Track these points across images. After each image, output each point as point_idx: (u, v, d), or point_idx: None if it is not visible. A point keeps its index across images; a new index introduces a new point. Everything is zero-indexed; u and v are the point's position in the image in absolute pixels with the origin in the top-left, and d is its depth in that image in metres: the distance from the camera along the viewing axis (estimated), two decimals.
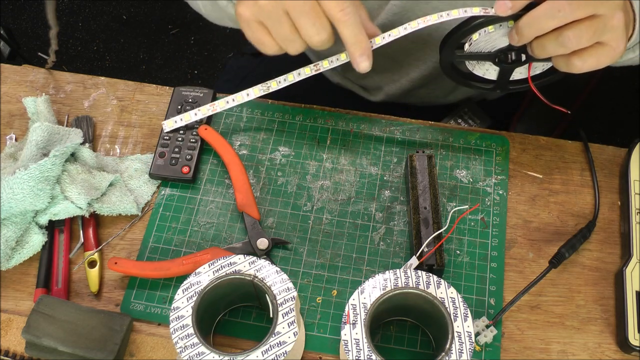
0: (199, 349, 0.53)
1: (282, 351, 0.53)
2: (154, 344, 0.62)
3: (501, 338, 0.62)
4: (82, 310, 0.60)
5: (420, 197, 0.67)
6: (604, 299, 0.65)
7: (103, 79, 0.81)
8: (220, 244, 0.68)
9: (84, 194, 0.67)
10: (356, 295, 0.56)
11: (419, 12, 0.82)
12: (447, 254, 0.67)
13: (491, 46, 0.66)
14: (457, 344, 0.53)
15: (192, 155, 0.72)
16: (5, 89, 0.80)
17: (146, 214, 0.70)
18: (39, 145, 0.69)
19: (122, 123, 0.77)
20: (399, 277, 0.57)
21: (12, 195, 0.64)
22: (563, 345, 0.62)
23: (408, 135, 0.75)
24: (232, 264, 0.57)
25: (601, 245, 0.68)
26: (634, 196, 0.68)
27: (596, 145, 0.74)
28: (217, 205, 0.71)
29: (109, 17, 2.05)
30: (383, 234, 0.68)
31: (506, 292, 0.65)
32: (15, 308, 0.65)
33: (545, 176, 0.72)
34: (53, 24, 0.75)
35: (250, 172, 0.72)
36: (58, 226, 0.69)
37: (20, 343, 0.62)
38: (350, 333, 0.54)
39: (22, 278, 0.67)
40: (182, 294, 0.56)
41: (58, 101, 0.79)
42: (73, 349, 0.57)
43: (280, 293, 0.56)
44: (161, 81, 1.87)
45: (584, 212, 0.70)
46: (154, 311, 0.64)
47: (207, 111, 0.73)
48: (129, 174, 0.72)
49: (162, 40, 2.00)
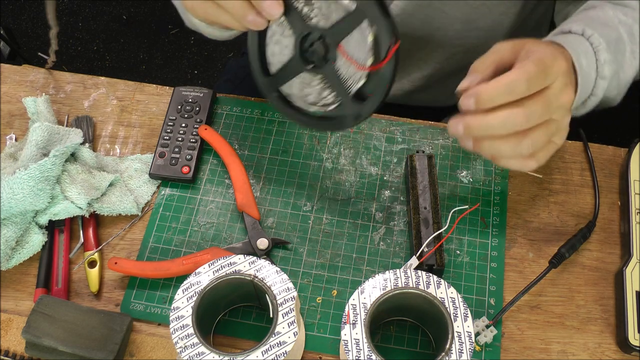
0: (199, 349, 0.53)
1: (282, 351, 0.53)
2: (154, 344, 0.62)
3: (501, 338, 0.62)
4: (82, 310, 0.60)
5: (420, 197, 0.67)
6: (604, 299, 0.65)
7: (103, 79, 0.81)
8: (220, 244, 0.68)
9: (84, 194, 0.67)
10: (356, 295, 0.56)
11: (420, 15, 0.82)
12: (447, 254, 0.67)
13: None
14: (457, 344, 0.53)
15: (192, 155, 0.72)
16: (5, 89, 0.80)
17: (146, 214, 0.70)
18: (39, 145, 0.69)
19: (122, 123, 0.77)
20: (399, 277, 0.57)
21: (12, 195, 0.64)
22: (563, 345, 0.62)
23: (408, 135, 0.75)
24: (232, 264, 0.57)
25: (601, 245, 0.68)
26: (634, 196, 0.68)
27: (596, 145, 0.74)
28: (217, 205, 0.71)
29: (109, 17, 2.05)
30: (383, 234, 0.68)
31: (506, 292, 0.65)
32: (15, 308, 0.65)
33: (545, 176, 0.72)
34: (53, 24, 0.75)
35: (250, 172, 0.72)
36: (58, 226, 0.69)
37: (20, 343, 0.62)
38: (350, 333, 0.54)
39: (22, 278, 0.67)
40: (182, 294, 0.56)
41: (58, 101, 0.79)
42: (73, 349, 0.57)
43: (280, 293, 0.56)
44: (161, 81, 1.87)
45: (584, 212, 0.70)
46: (154, 311, 0.64)
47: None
48: (129, 174, 0.72)
49: (162, 40, 2.00)
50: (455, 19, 0.83)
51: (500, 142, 0.57)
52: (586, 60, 0.65)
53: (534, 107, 0.56)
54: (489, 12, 0.82)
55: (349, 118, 0.62)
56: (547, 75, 0.56)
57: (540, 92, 0.56)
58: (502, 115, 0.55)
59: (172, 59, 1.98)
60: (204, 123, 0.74)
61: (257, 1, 0.58)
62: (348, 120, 0.63)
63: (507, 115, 0.55)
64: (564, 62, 0.58)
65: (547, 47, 0.59)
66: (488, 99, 0.55)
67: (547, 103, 0.56)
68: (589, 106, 0.69)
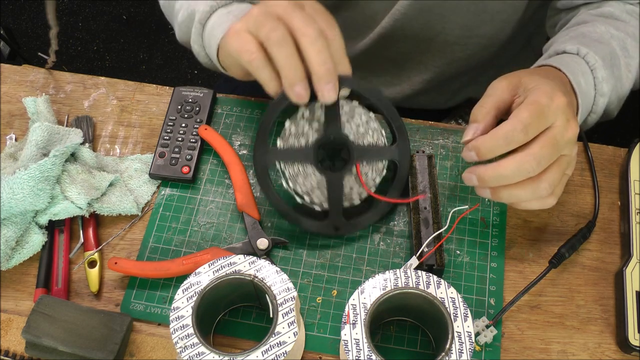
0: (199, 349, 0.53)
1: (282, 351, 0.53)
2: (154, 344, 0.62)
3: (501, 338, 0.62)
4: (82, 310, 0.60)
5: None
6: (604, 299, 0.65)
7: (103, 79, 0.81)
8: (220, 244, 0.68)
9: (84, 194, 0.67)
10: (356, 295, 0.56)
11: (421, 20, 0.82)
12: (447, 254, 0.67)
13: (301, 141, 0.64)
14: (457, 344, 0.53)
15: (192, 155, 0.72)
16: (5, 89, 0.80)
17: (146, 214, 0.70)
18: (39, 145, 0.69)
19: (122, 123, 0.77)
20: (399, 277, 0.57)
21: (12, 195, 0.64)
22: (563, 345, 0.62)
23: (408, 135, 0.75)
24: (232, 264, 0.57)
25: (601, 245, 0.68)
26: (634, 196, 0.68)
27: (596, 145, 0.74)
28: (217, 205, 0.71)
29: (109, 17, 2.05)
30: (383, 233, 0.68)
31: (506, 292, 0.65)
32: (15, 308, 0.65)
33: None
34: (53, 24, 0.75)
35: (250, 172, 0.72)
36: (58, 226, 0.69)
37: (20, 343, 0.62)
38: (350, 333, 0.54)
39: (22, 278, 0.67)
40: (182, 294, 0.56)
41: (58, 101, 0.79)
42: (73, 349, 0.57)
43: (280, 293, 0.56)
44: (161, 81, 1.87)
45: (584, 212, 0.70)
46: (154, 311, 0.64)
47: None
48: (129, 174, 0.72)
49: (162, 40, 2.00)
50: (456, 25, 0.83)
51: (517, 189, 0.58)
52: (584, 79, 0.65)
53: (542, 151, 0.56)
54: (490, 19, 0.82)
55: (327, 226, 0.64)
56: (545, 117, 0.56)
57: (545, 132, 0.57)
58: (513, 164, 0.56)
59: (172, 59, 1.98)
60: (204, 123, 0.74)
61: (318, 78, 0.58)
62: (323, 228, 0.64)
63: (518, 163, 0.56)
64: (562, 97, 0.57)
65: (542, 84, 0.58)
66: (488, 152, 0.57)
67: (554, 143, 0.56)
68: (590, 123, 0.69)
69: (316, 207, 0.65)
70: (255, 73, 0.61)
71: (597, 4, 0.76)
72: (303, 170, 0.64)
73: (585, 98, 0.65)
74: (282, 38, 0.58)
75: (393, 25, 0.84)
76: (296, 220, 0.65)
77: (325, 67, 0.58)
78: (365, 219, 0.65)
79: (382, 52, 0.90)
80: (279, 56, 0.58)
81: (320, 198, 0.64)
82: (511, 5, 0.80)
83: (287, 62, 0.58)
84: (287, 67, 0.58)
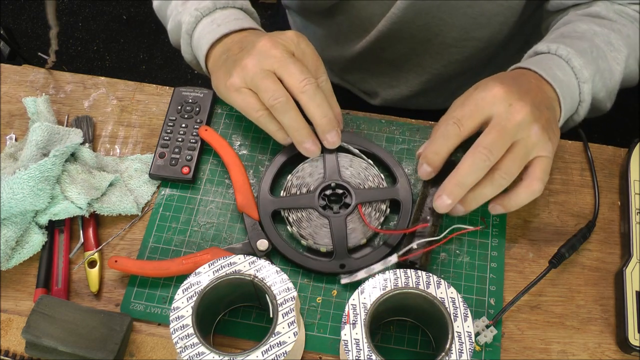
0: (199, 349, 0.53)
1: (282, 351, 0.53)
2: (154, 344, 0.62)
3: (501, 338, 0.62)
4: (82, 310, 0.60)
5: (429, 198, 0.66)
6: (604, 299, 0.65)
7: (103, 79, 0.81)
8: (220, 244, 0.68)
9: (84, 194, 0.67)
10: (356, 295, 0.56)
11: (419, 22, 0.82)
12: (447, 254, 0.67)
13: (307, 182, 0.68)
14: (457, 344, 0.53)
15: (192, 156, 0.72)
16: (5, 89, 0.80)
17: (146, 214, 0.70)
18: (39, 145, 0.69)
19: (122, 123, 0.77)
20: (399, 277, 0.57)
21: (12, 195, 0.64)
22: (563, 345, 0.62)
23: (408, 135, 0.75)
24: (232, 264, 0.57)
25: (601, 245, 0.68)
26: (634, 196, 0.68)
27: (596, 145, 0.74)
28: (217, 206, 0.71)
29: (109, 17, 2.05)
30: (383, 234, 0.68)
31: (506, 292, 0.65)
32: (15, 308, 0.65)
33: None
34: (53, 24, 0.75)
35: (250, 172, 0.72)
36: (58, 226, 0.69)
37: (20, 343, 0.62)
38: (350, 333, 0.54)
39: (22, 278, 0.67)
40: (182, 294, 0.56)
41: (58, 101, 0.79)
42: (73, 349, 0.57)
43: (280, 293, 0.56)
44: (161, 81, 1.87)
45: (584, 212, 0.70)
46: (154, 311, 0.64)
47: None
48: (129, 174, 0.72)
49: (162, 40, 2.00)
50: (453, 27, 0.83)
51: (480, 188, 0.59)
52: (561, 71, 0.66)
53: (489, 138, 0.57)
54: (487, 22, 0.82)
55: (332, 265, 0.65)
56: (479, 109, 0.59)
57: (490, 123, 0.59)
58: (467, 162, 0.58)
59: (172, 59, 1.98)
60: (204, 123, 0.74)
61: (322, 130, 0.65)
62: (329, 266, 0.65)
63: (471, 159, 0.58)
64: (498, 87, 0.60)
65: (481, 83, 0.62)
66: (455, 189, 0.59)
67: (500, 129, 0.58)
68: (582, 113, 0.69)
69: (321, 247, 0.65)
70: (263, 127, 0.67)
71: (585, 4, 0.77)
72: (307, 216, 0.66)
73: (567, 89, 0.66)
74: (284, 104, 0.63)
75: (390, 27, 0.84)
76: (302, 262, 0.65)
77: (326, 119, 0.64)
78: (370, 256, 0.65)
79: (380, 53, 0.90)
80: (285, 121, 0.64)
81: (324, 240, 0.65)
82: (508, 8, 0.80)
83: (293, 125, 0.64)
84: (294, 129, 0.65)
